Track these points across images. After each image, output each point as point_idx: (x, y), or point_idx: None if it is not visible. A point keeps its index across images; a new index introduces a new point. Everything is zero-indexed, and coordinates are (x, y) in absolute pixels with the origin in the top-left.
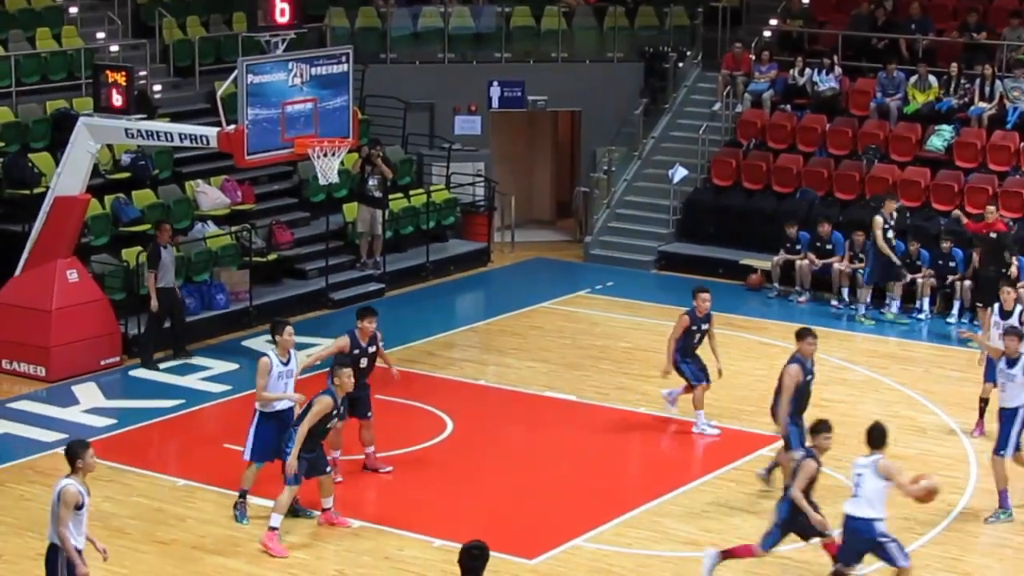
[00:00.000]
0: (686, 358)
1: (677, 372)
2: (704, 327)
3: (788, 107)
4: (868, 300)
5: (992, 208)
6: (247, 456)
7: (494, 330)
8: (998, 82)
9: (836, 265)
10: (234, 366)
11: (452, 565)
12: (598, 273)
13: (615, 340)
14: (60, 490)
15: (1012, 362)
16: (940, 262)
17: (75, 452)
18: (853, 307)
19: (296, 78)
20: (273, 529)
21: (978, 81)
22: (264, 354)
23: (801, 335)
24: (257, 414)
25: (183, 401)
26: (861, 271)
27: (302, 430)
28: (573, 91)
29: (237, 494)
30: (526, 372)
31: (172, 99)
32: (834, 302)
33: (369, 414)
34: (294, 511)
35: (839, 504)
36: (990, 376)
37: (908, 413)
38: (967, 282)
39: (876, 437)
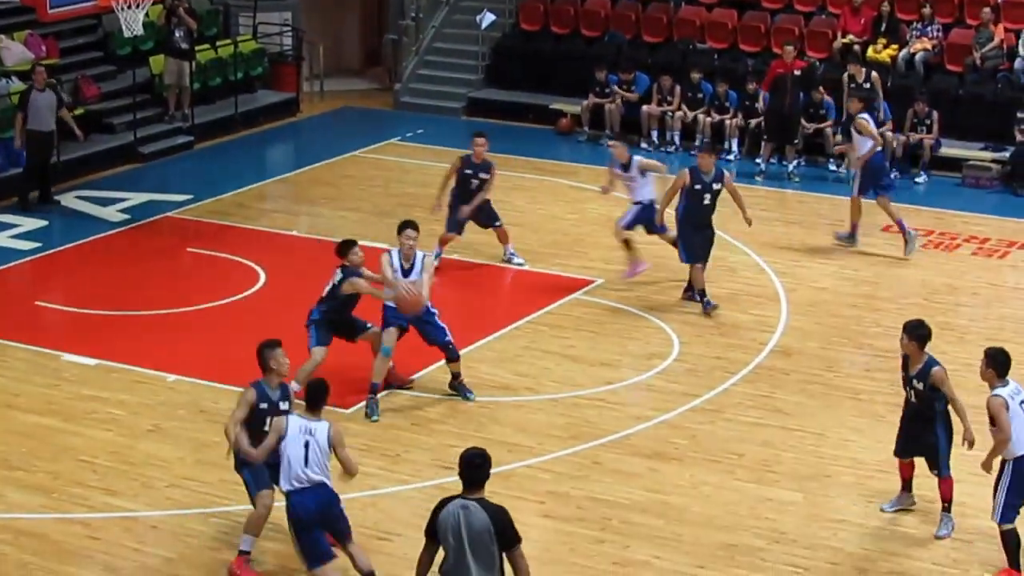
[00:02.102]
0: (460, 205)
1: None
2: (482, 176)
3: None
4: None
5: (790, 47)
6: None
7: (305, 180)
8: None
9: (645, 108)
10: (43, 223)
11: None
12: (408, 121)
13: (427, 187)
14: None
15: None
16: (747, 103)
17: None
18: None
19: None
20: (244, 553)
21: None
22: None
23: (704, 149)
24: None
25: None
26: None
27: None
28: None
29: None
30: (338, 221)
31: None
32: (644, 144)
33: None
34: (454, 387)
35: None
36: None
37: (719, 253)
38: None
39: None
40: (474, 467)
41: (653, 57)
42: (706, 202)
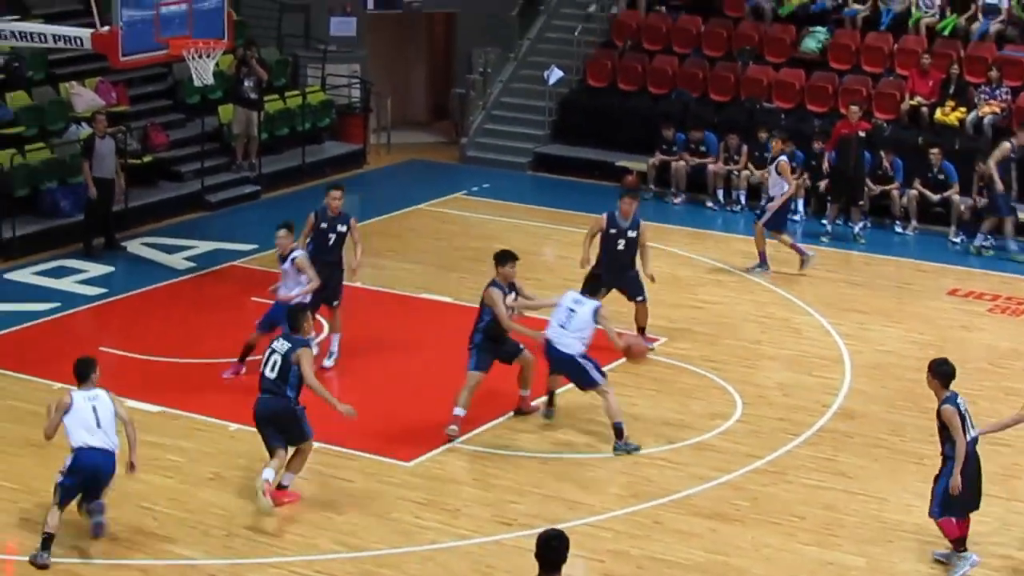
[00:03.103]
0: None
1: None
2: (340, 228)
3: (663, 8)
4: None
5: (856, 108)
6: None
7: (370, 232)
8: None
9: (711, 166)
10: (109, 268)
11: (328, 467)
12: (474, 175)
13: (491, 241)
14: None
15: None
16: (814, 163)
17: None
18: (729, 208)
19: None
20: (284, 487)
21: None
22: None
23: (628, 195)
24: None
25: (58, 304)
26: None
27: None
28: None
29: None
30: (402, 274)
31: (46, 0)
32: (709, 203)
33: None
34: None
35: None
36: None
37: (783, 314)
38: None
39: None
40: (551, 548)
41: (720, 116)
42: (620, 247)
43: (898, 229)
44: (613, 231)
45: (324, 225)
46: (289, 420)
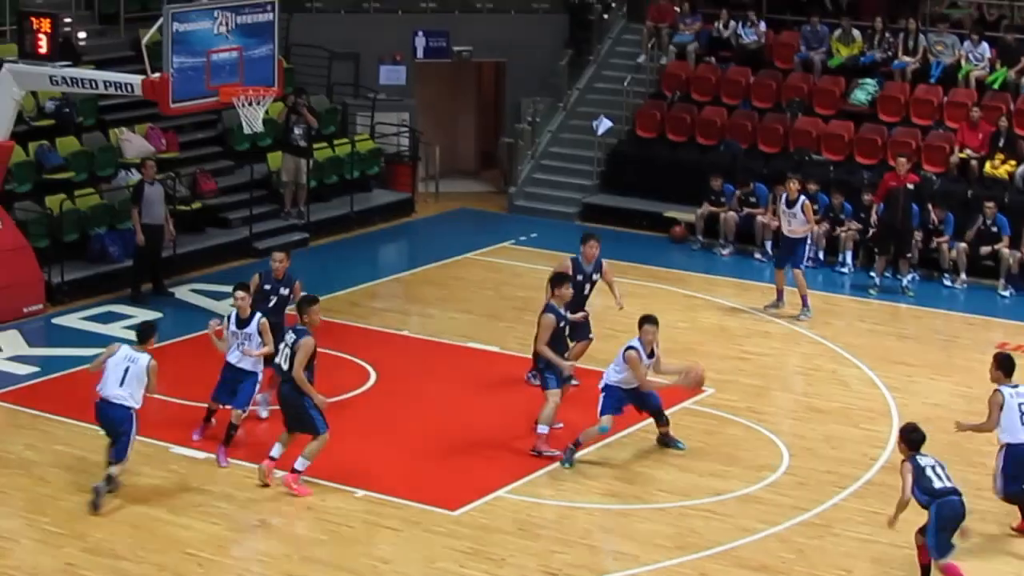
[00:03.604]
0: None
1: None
2: (282, 291)
3: (712, 60)
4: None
5: (903, 160)
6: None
7: (418, 280)
8: (921, 36)
9: (760, 218)
10: (157, 314)
11: (373, 516)
12: (522, 224)
13: (538, 291)
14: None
15: (791, 203)
16: (863, 215)
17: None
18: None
19: (221, 26)
20: (297, 472)
21: (902, 35)
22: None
23: (591, 238)
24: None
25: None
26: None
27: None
28: (498, 41)
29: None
30: (449, 323)
31: (97, 46)
32: (757, 255)
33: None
34: (664, 441)
35: None
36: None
37: (830, 366)
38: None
39: None
40: None
41: (768, 167)
42: (585, 292)
43: (947, 282)
44: (579, 277)
45: (267, 287)
46: (298, 408)
